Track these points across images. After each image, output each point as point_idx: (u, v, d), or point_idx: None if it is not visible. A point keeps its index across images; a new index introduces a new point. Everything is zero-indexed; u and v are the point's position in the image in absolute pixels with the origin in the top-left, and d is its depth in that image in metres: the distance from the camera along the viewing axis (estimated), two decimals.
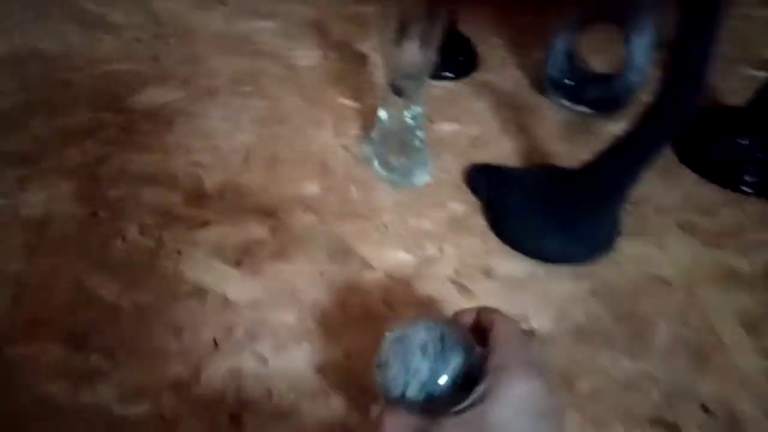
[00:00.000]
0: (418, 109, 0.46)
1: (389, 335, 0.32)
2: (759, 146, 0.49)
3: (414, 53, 0.43)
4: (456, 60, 0.58)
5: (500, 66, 0.59)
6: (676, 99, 0.35)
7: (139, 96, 0.56)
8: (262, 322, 0.40)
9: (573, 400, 0.37)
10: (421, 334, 0.31)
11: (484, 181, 0.48)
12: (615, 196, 0.41)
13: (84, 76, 0.58)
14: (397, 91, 0.45)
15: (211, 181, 0.48)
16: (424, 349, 0.31)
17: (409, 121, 0.47)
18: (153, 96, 0.56)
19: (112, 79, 0.58)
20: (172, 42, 0.63)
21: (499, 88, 0.57)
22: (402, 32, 0.42)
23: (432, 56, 0.43)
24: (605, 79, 0.53)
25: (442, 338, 0.31)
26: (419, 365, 0.30)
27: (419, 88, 0.44)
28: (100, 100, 0.55)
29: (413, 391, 0.30)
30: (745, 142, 0.50)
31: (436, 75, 0.57)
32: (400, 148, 0.48)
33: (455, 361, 0.30)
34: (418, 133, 0.48)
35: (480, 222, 0.46)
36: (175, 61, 0.60)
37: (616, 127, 0.53)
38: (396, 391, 0.30)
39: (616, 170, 0.39)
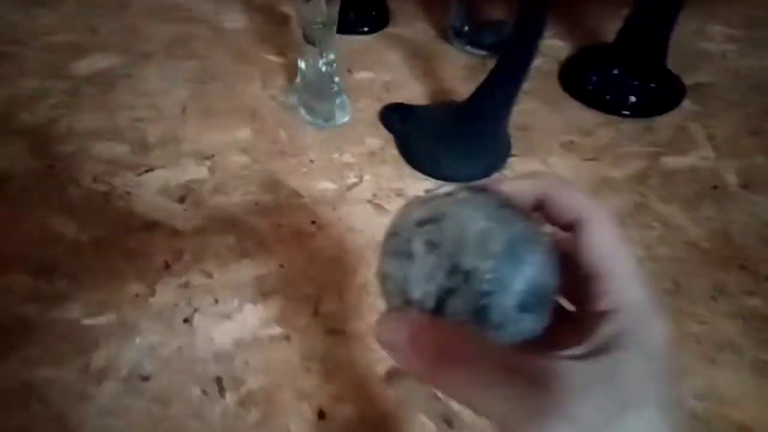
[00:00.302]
0: (332, 57, 0.53)
1: (413, 211, 0.22)
2: (628, 74, 0.58)
3: (321, 5, 0.49)
4: (370, 15, 0.64)
5: (410, 19, 0.66)
6: (523, 35, 0.42)
7: (81, 63, 0.61)
8: (207, 245, 0.46)
9: None
10: (476, 218, 0.21)
11: (396, 118, 0.55)
12: (497, 120, 0.49)
13: (27, 48, 0.62)
14: (310, 41, 0.51)
15: (152, 133, 0.54)
16: (482, 240, 0.20)
17: (325, 68, 0.53)
18: (93, 63, 0.61)
19: (54, 49, 0.62)
20: (108, 14, 0.68)
21: (409, 39, 0.64)
22: None
23: (336, 7, 0.49)
24: (499, 24, 0.61)
25: (508, 227, 0.21)
26: (475, 265, 0.20)
27: (330, 36, 0.51)
28: (45, 69, 0.60)
29: (458, 306, 0.20)
30: (616, 71, 0.58)
31: (353, 30, 0.64)
32: (320, 94, 0.55)
33: (531, 267, 0.21)
34: (335, 78, 0.55)
35: (393, 153, 0.53)
36: (111, 30, 0.65)
37: None
38: (427, 303, 0.21)
39: (492, 98, 0.47)
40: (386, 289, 0.22)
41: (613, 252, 0.21)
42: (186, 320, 0.42)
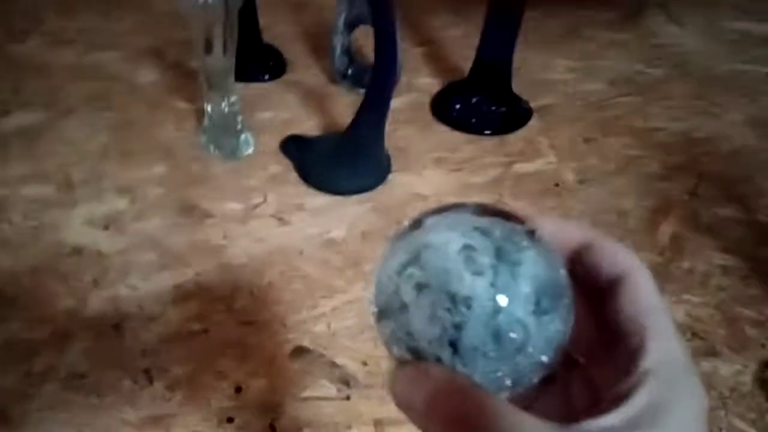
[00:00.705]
0: (233, 99, 0.62)
1: (389, 259, 0.21)
2: (485, 101, 0.70)
3: (219, 56, 0.58)
4: (268, 65, 0.74)
5: (304, 67, 0.77)
6: (382, 68, 0.53)
7: (7, 120, 0.68)
8: (130, 263, 0.54)
9: (363, 276, 0.54)
10: (454, 238, 0.20)
11: (294, 147, 0.64)
12: (373, 141, 0.59)
13: None
14: (213, 87, 0.61)
15: (76, 174, 0.61)
16: (469, 259, 0.19)
17: (228, 109, 0.62)
18: (20, 119, 0.68)
19: None
20: (30, 76, 0.75)
21: (304, 83, 0.74)
22: (208, 44, 0.58)
23: (232, 57, 0.59)
24: None
25: (491, 234, 0.20)
26: (471, 287, 0.19)
27: (229, 82, 0.61)
28: None
29: (473, 338, 0.19)
30: (475, 100, 0.70)
31: (256, 78, 0.73)
32: (226, 132, 0.63)
33: (530, 265, 0.20)
34: (239, 118, 0.64)
35: (293, 175, 0.62)
36: (35, 90, 0.72)
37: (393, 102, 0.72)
38: (440, 349, 0.19)
39: (365, 124, 0.58)
40: (395, 349, 0.21)
41: (656, 310, 0.20)
42: (115, 326, 0.49)
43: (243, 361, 0.48)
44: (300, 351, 0.49)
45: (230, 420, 0.44)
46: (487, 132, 0.69)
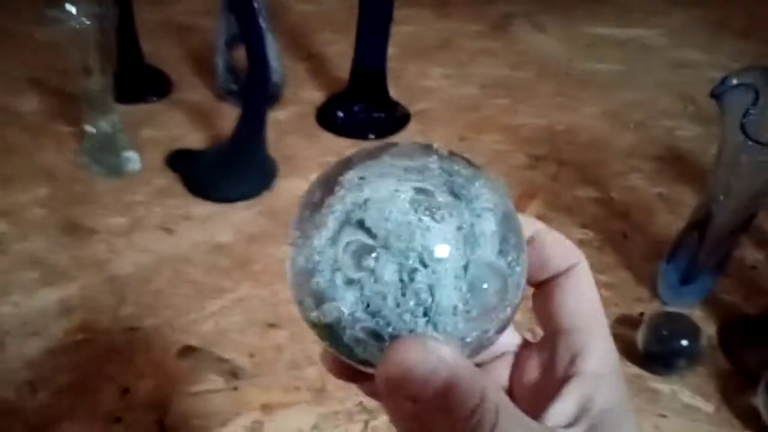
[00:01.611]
0: (114, 118, 0.64)
1: (314, 237, 0.18)
2: (365, 109, 0.74)
3: (97, 78, 0.60)
4: (153, 86, 0.76)
5: (191, 86, 0.79)
6: (254, 80, 0.56)
7: None
8: (13, 282, 0.54)
9: (251, 276, 0.56)
10: (392, 186, 0.17)
11: (180, 161, 0.66)
12: (254, 147, 0.62)
13: None
14: (94, 108, 0.62)
15: None
16: (419, 207, 0.17)
17: (110, 129, 0.64)
18: None
19: None
20: None
21: (191, 101, 0.76)
22: (86, 68, 0.60)
23: (110, 78, 0.61)
24: None
25: (430, 173, 0.18)
26: (430, 241, 0.16)
27: (108, 102, 0.62)
28: None
29: (450, 296, 0.17)
30: (356, 108, 0.74)
31: (141, 99, 0.75)
32: (109, 151, 0.65)
33: (488, 198, 0.18)
34: (122, 136, 0.65)
35: (180, 188, 0.64)
36: None
37: (279, 113, 0.75)
38: (388, 317, 0.17)
39: (246, 132, 0.61)
40: (345, 337, 0.17)
41: (598, 310, 0.20)
42: None
43: (129, 365, 0.49)
44: (188, 350, 0.50)
45: (118, 420, 0.45)
46: (371, 136, 0.73)
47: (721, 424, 0.49)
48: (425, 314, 0.16)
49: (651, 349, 0.50)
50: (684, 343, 0.49)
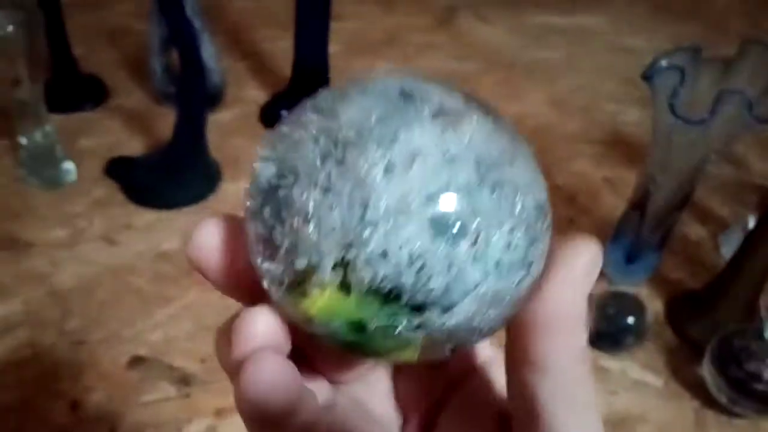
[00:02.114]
0: (48, 129, 0.62)
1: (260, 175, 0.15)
2: None
3: (27, 88, 0.58)
4: (88, 94, 0.74)
5: (128, 93, 0.77)
6: (187, 82, 0.55)
7: None
8: None
9: (198, 282, 0.55)
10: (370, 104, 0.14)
11: (119, 169, 0.64)
12: (195, 152, 0.61)
13: None
14: (25, 120, 0.60)
15: None
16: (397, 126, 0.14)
17: (44, 140, 0.62)
18: None
19: None
20: None
21: (128, 108, 0.74)
22: (15, 78, 0.58)
23: (40, 88, 0.59)
24: None
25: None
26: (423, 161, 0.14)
27: (41, 113, 0.60)
28: None
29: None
30: None
31: (76, 108, 0.73)
32: (45, 162, 0.63)
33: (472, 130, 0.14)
34: (58, 147, 0.63)
35: (121, 197, 0.63)
36: None
37: (221, 115, 0.74)
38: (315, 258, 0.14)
39: (184, 136, 0.59)
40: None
41: (566, 319, 0.15)
42: None
43: (77, 379, 0.47)
44: (137, 360, 0.49)
45: None
46: None
47: (670, 396, 0.50)
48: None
49: (599, 329, 0.51)
50: (630, 320, 0.50)
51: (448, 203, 0.13)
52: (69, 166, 0.64)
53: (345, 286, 0.14)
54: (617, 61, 0.92)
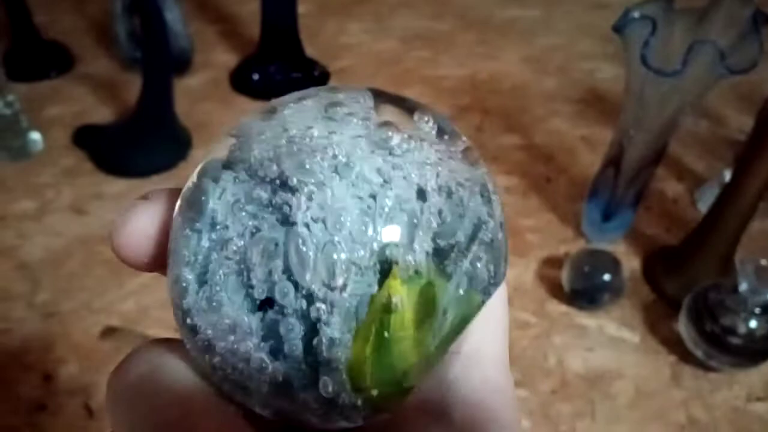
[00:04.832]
0: (10, 98, 0.60)
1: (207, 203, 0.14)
2: (280, 69, 0.72)
3: None
4: (53, 62, 0.72)
5: (94, 59, 0.75)
6: (152, 45, 0.54)
7: None
8: None
9: None
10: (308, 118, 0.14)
11: (87, 137, 0.63)
12: (163, 118, 0.59)
13: None
14: None
15: None
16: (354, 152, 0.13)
17: (7, 109, 0.60)
18: None
19: None
20: None
21: (95, 74, 0.72)
22: None
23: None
24: None
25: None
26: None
27: (1, 81, 0.58)
28: None
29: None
30: (272, 68, 0.72)
31: (41, 76, 0.71)
32: (9, 132, 0.61)
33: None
34: (21, 116, 0.61)
35: (89, 167, 0.61)
36: None
37: (190, 80, 0.72)
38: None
39: (152, 101, 0.58)
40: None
41: None
42: None
43: (49, 351, 0.47)
44: (110, 331, 0.48)
45: (42, 407, 0.43)
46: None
47: (647, 351, 0.51)
48: None
49: (575, 287, 0.51)
50: (606, 277, 0.50)
51: None
52: (35, 136, 0.62)
53: None
54: (592, 17, 0.91)
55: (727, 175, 0.60)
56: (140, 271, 0.16)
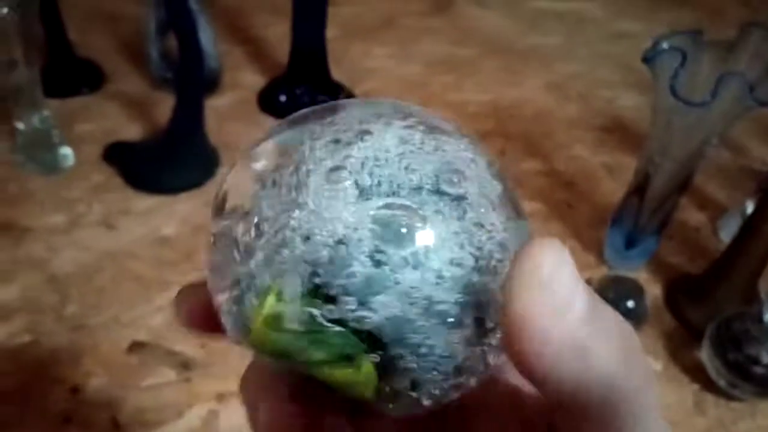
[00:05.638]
0: (45, 114, 0.61)
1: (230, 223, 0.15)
2: (307, 92, 0.73)
3: (22, 72, 0.57)
4: (85, 79, 0.73)
5: (125, 77, 0.76)
6: (186, 66, 0.55)
7: None
8: None
9: (198, 267, 0.55)
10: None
11: (117, 154, 0.64)
12: (193, 137, 0.61)
13: None
14: (21, 105, 0.59)
15: None
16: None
17: (41, 125, 0.61)
18: None
19: None
20: None
21: (126, 92, 0.74)
22: (11, 60, 0.57)
23: (36, 72, 0.58)
24: None
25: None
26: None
27: (36, 97, 0.60)
28: None
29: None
30: (298, 91, 0.73)
31: (73, 92, 0.72)
32: (42, 147, 0.62)
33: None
34: (55, 132, 0.63)
35: (119, 182, 0.62)
36: None
37: (218, 100, 0.73)
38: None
39: (181, 122, 0.59)
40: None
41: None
42: None
43: (77, 364, 0.47)
44: (137, 345, 0.49)
45: (68, 420, 0.44)
46: None
47: (669, 380, 0.50)
48: None
49: None
50: (630, 304, 0.51)
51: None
52: (66, 151, 0.63)
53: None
54: (612, 46, 0.92)
55: (750, 206, 0.61)
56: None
